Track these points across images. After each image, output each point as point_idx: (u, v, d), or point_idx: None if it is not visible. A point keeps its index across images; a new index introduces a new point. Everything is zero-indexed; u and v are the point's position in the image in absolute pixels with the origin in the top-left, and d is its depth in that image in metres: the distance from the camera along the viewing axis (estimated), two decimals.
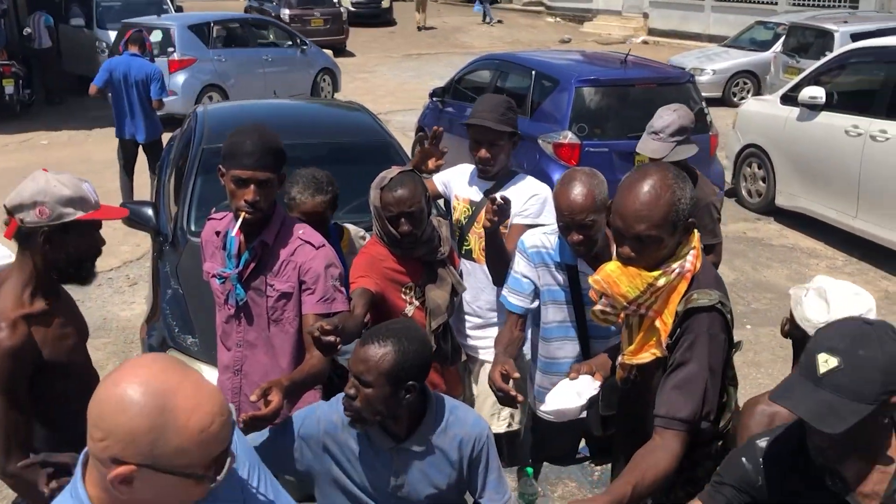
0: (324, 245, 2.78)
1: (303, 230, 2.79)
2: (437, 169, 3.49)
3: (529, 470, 2.95)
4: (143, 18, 13.23)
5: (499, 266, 3.14)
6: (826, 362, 1.74)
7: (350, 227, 3.55)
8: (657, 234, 2.14)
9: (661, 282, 2.19)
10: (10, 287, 2.31)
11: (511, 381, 2.64)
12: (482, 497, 2.43)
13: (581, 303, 2.90)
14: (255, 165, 2.60)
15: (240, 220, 2.64)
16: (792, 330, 2.38)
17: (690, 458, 2.26)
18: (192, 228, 4.47)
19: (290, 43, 14.57)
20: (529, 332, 3.11)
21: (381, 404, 2.19)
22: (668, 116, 3.85)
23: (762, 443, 2.02)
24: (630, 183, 2.20)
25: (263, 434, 2.36)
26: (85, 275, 2.39)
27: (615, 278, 2.22)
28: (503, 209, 2.90)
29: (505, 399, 2.64)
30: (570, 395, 2.59)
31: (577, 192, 2.66)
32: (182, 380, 1.35)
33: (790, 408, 1.79)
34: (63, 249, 2.29)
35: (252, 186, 2.61)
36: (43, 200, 2.22)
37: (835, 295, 2.28)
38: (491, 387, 2.69)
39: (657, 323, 2.24)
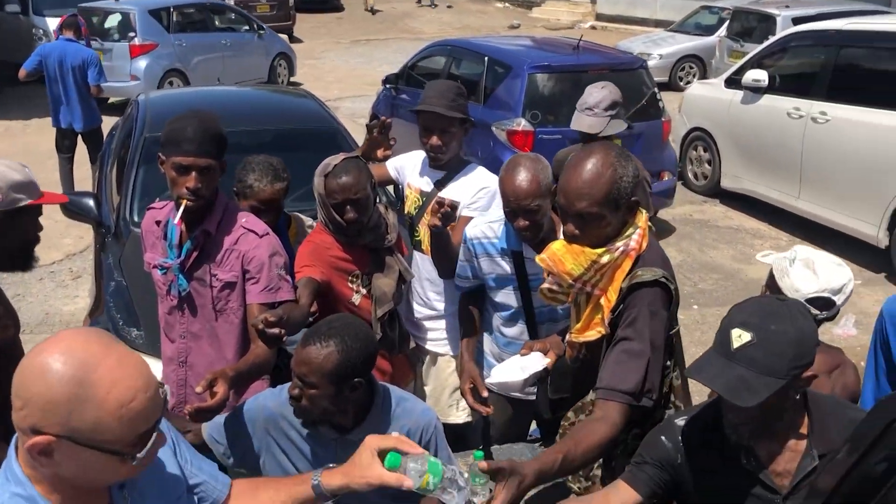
0: (267, 233, 2.74)
1: (246, 218, 2.74)
2: (385, 159, 3.44)
3: (478, 454, 2.94)
4: (100, 3, 12.96)
5: (444, 261, 3.14)
6: (739, 337, 1.78)
7: (299, 215, 3.51)
8: (598, 210, 2.17)
9: (605, 259, 2.21)
10: None
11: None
12: None
13: (528, 288, 2.91)
14: (196, 152, 2.54)
15: (181, 208, 2.58)
16: None
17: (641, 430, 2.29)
18: (136, 219, 4.38)
19: (246, 27, 14.43)
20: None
21: (327, 403, 2.17)
22: (600, 93, 3.91)
23: (680, 421, 2.05)
24: (574, 162, 2.24)
25: (215, 425, 2.34)
26: (30, 261, 2.44)
27: (560, 256, 2.25)
28: (448, 216, 2.87)
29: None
30: (515, 369, 2.63)
31: (522, 177, 2.66)
32: (106, 353, 1.32)
33: (705, 382, 1.84)
34: (16, 234, 2.33)
35: (193, 174, 2.56)
36: None
37: (821, 265, 2.35)
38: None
39: (602, 300, 2.27)
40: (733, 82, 8.37)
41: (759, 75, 7.92)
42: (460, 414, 3.40)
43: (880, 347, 2.41)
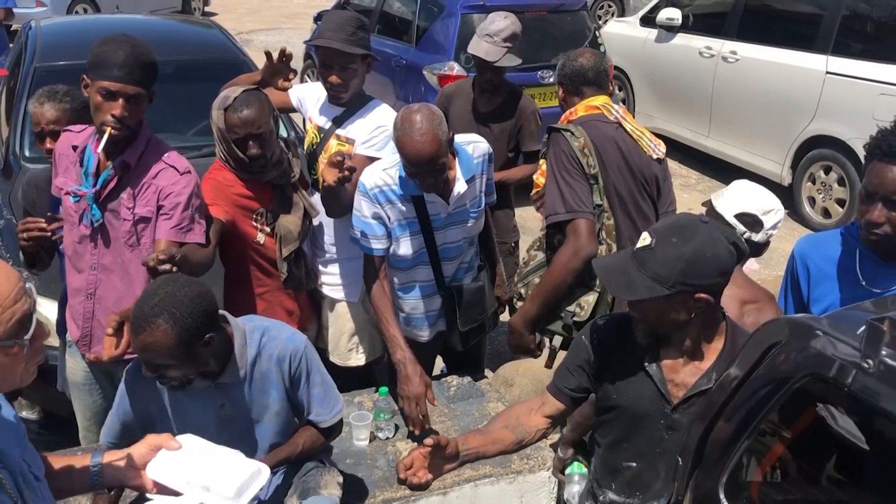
0: (188, 171, 2.65)
1: (168, 154, 2.65)
2: (286, 89, 3.26)
3: (383, 389, 2.96)
4: None
5: (333, 202, 2.99)
6: (643, 240, 1.92)
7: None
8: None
9: None
10: None
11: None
12: (310, 413, 2.39)
13: (430, 229, 2.89)
14: (125, 79, 2.45)
15: (105, 137, 2.48)
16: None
17: None
18: (27, 154, 4.19)
19: None
20: None
21: (185, 369, 2.10)
22: (502, 22, 3.84)
23: (600, 321, 2.17)
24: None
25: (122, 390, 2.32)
26: None
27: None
28: (345, 178, 2.73)
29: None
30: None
31: (422, 139, 2.61)
32: None
33: (596, 268, 2.15)
34: None
35: (121, 101, 2.46)
36: None
37: (753, 189, 2.58)
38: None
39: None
40: (648, 21, 8.41)
41: (672, 14, 7.97)
42: (360, 357, 3.35)
43: (790, 288, 2.47)
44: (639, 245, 1.93)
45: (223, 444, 2.07)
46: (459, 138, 2.92)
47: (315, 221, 3.18)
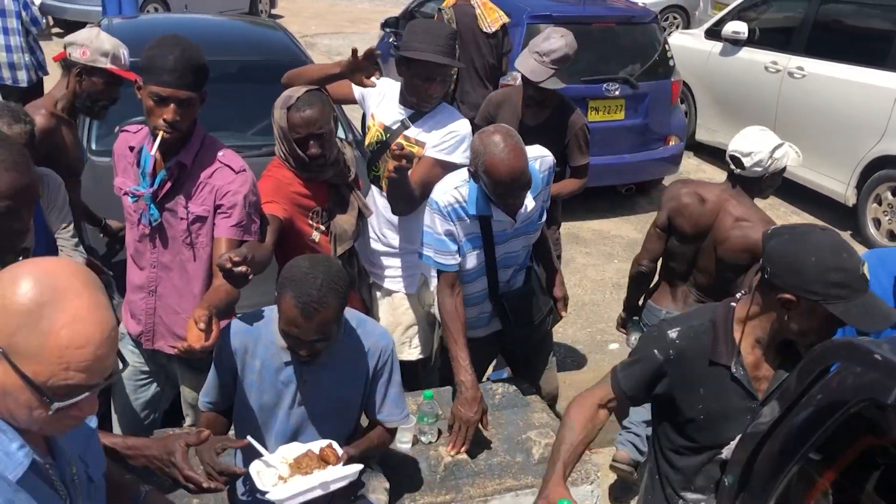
0: (244, 170, 2.67)
1: (223, 152, 2.68)
2: (369, 86, 3.19)
3: (428, 393, 2.97)
4: None
5: (399, 200, 3.10)
6: (864, 268, 1.91)
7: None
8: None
9: None
10: (49, 94, 3.29)
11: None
12: (381, 412, 2.45)
13: (492, 244, 2.94)
14: (176, 83, 2.46)
15: (158, 139, 2.51)
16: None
17: None
18: (94, 147, 4.30)
19: None
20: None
21: (332, 340, 2.24)
22: (556, 42, 3.74)
23: (673, 333, 2.10)
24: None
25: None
26: (97, 111, 3.28)
27: None
28: (403, 169, 2.85)
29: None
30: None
31: (512, 156, 2.65)
32: (83, 292, 1.26)
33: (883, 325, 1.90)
34: (88, 85, 3.16)
35: (172, 105, 2.48)
36: (88, 45, 3.10)
37: (749, 132, 3.21)
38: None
39: None
40: (713, 34, 8.28)
41: (738, 27, 7.83)
42: (413, 351, 3.41)
43: None
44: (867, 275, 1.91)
45: (292, 424, 2.29)
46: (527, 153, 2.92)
47: (371, 220, 3.26)
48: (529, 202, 2.86)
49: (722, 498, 1.88)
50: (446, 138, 3.13)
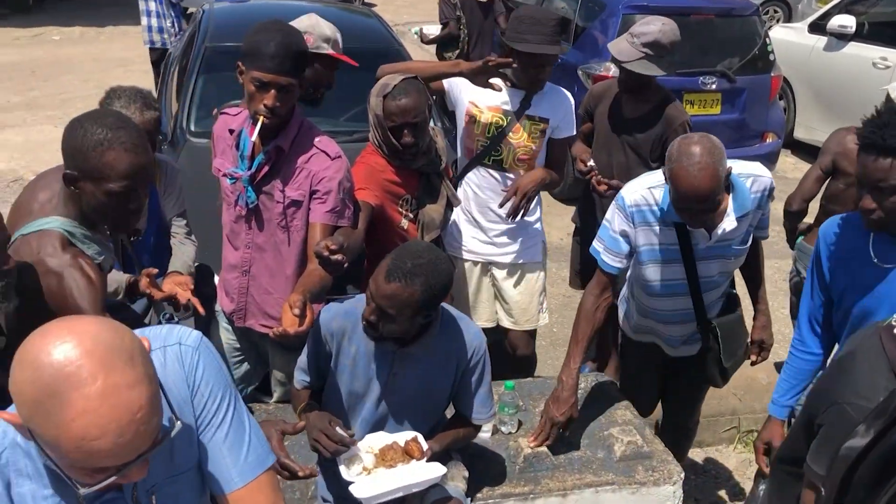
0: (339, 156, 2.70)
1: (320, 138, 2.71)
2: (496, 89, 3.23)
3: (509, 384, 2.96)
4: None
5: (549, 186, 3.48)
6: None
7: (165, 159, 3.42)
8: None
9: None
10: None
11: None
12: (470, 409, 2.45)
13: (692, 258, 2.77)
14: (277, 69, 2.49)
15: (258, 125, 2.55)
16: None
17: None
18: (192, 128, 4.42)
19: None
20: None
21: (400, 331, 2.21)
22: (652, 26, 3.56)
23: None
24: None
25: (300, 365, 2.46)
26: (319, 98, 3.10)
27: None
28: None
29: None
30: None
31: (700, 174, 2.45)
32: (98, 375, 1.15)
33: None
34: (310, 73, 2.88)
35: (272, 91, 2.51)
36: (311, 32, 2.97)
37: None
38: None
39: None
40: (818, 27, 7.97)
41: (846, 21, 7.51)
42: (545, 315, 3.69)
43: (814, 266, 2.54)
44: None
45: (379, 413, 2.32)
46: (739, 168, 2.69)
47: (490, 203, 3.42)
48: (729, 223, 2.64)
49: None
50: (568, 115, 3.40)
